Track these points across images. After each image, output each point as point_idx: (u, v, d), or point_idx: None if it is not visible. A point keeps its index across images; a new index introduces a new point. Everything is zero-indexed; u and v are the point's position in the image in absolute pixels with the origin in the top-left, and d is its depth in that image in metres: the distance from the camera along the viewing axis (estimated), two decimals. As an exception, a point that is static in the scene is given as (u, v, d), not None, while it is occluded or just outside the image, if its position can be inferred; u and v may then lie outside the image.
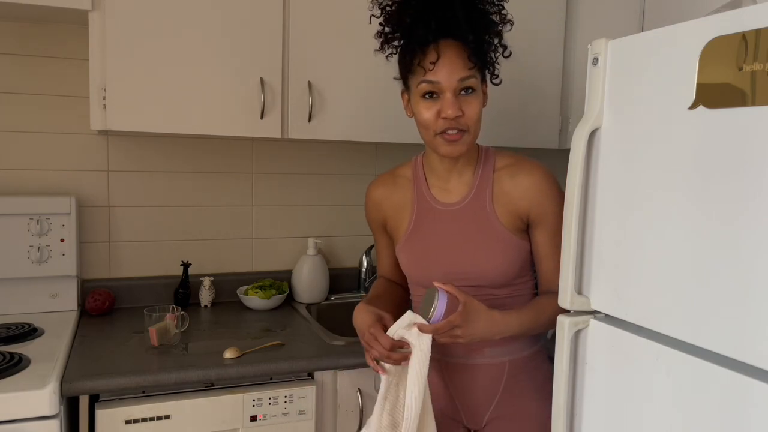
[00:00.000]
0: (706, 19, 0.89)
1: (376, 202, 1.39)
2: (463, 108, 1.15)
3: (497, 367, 1.28)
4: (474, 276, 1.25)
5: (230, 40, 1.64)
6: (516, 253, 1.25)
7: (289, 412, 1.48)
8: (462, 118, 1.16)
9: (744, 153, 0.84)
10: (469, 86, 1.15)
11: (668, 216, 0.95)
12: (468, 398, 1.30)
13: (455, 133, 1.17)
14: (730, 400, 0.86)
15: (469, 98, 1.16)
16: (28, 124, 1.81)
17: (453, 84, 1.14)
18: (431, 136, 1.19)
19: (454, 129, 1.16)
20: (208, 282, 1.95)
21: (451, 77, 1.14)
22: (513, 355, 1.29)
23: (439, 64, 1.14)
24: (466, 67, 1.15)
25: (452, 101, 1.14)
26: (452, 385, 1.31)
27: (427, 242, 1.30)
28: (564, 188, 1.14)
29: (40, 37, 1.80)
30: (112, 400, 1.37)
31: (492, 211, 1.25)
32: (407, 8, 1.17)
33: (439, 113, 1.16)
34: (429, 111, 1.17)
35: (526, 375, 1.30)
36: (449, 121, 1.15)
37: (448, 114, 1.14)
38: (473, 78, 1.16)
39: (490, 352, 1.28)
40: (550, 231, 1.24)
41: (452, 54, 1.14)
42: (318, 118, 1.73)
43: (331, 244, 2.17)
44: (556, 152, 2.16)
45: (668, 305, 0.95)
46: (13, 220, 1.71)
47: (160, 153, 1.95)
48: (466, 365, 1.29)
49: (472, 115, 1.16)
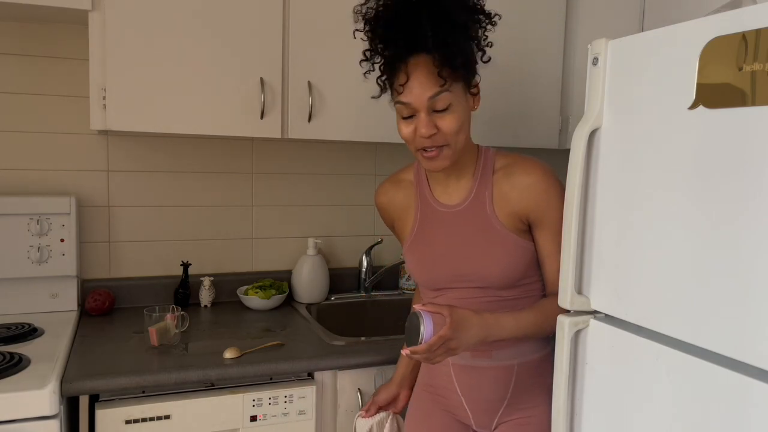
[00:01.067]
0: (706, 19, 0.89)
1: (383, 208, 1.42)
2: (438, 124, 1.15)
3: (505, 369, 1.27)
4: (477, 278, 1.25)
5: (230, 40, 1.64)
6: (519, 254, 1.24)
7: (289, 412, 1.48)
8: (438, 135, 1.16)
9: (744, 153, 0.84)
10: (442, 107, 1.14)
11: (668, 216, 0.95)
12: (477, 401, 1.29)
13: (433, 151, 1.18)
14: (730, 400, 0.86)
15: (443, 115, 1.15)
16: (28, 124, 1.81)
17: (424, 103, 1.14)
18: (413, 151, 1.21)
19: (431, 147, 1.17)
20: (208, 282, 1.95)
21: (421, 97, 1.14)
22: (521, 358, 1.28)
23: (408, 85, 1.14)
24: (437, 84, 1.13)
25: (425, 121, 1.14)
26: (461, 387, 1.30)
27: (431, 245, 1.30)
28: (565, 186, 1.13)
29: (40, 37, 1.80)
30: (112, 400, 1.37)
31: (492, 213, 1.24)
32: (377, 24, 1.17)
33: (416, 131, 1.17)
34: (407, 128, 1.18)
35: (535, 379, 1.29)
36: (425, 139, 1.16)
37: (422, 133, 1.15)
38: (446, 93, 1.13)
39: (497, 355, 1.27)
40: (551, 231, 1.23)
41: (420, 73, 1.13)
42: (318, 118, 1.73)
43: (331, 244, 2.17)
44: (556, 152, 2.16)
45: (668, 305, 0.95)
46: (13, 220, 1.71)
47: (160, 153, 1.95)
48: (474, 368, 1.28)
49: (448, 131, 1.16)
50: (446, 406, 1.33)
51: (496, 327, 1.15)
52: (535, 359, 1.29)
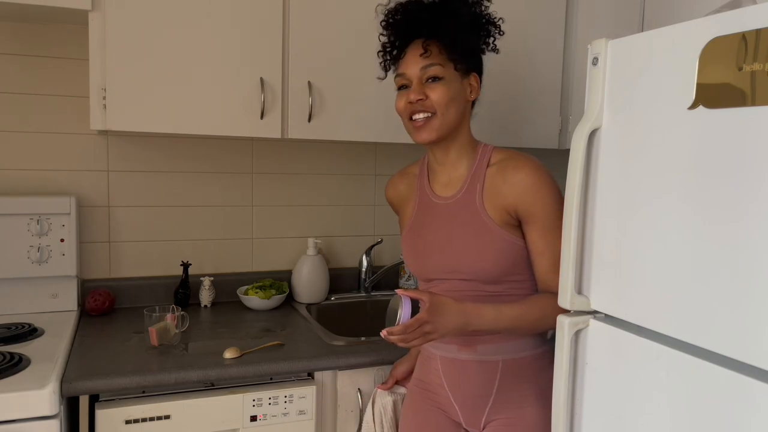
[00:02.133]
0: (706, 19, 0.89)
1: (390, 200, 1.50)
2: (428, 92, 1.24)
3: (490, 365, 1.28)
4: (465, 270, 1.26)
5: (230, 39, 1.64)
6: (507, 250, 1.24)
7: (289, 412, 1.48)
8: (426, 101, 1.24)
9: (744, 153, 0.84)
10: (434, 74, 1.24)
11: (668, 216, 0.95)
12: (463, 396, 1.30)
13: (421, 119, 1.25)
14: (730, 400, 0.86)
15: (434, 85, 1.25)
16: (28, 124, 1.81)
17: (416, 73, 1.25)
18: (405, 123, 1.29)
19: (419, 113, 1.25)
20: (208, 282, 1.95)
21: (413, 67, 1.25)
22: (507, 354, 1.28)
23: (405, 58, 1.28)
24: (429, 58, 1.24)
25: (416, 87, 1.25)
26: (448, 381, 1.31)
27: (423, 235, 1.33)
28: (560, 184, 1.14)
29: (40, 37, 1.80)
30: (112, 400, 1.37)
31: (482, 206, 1.26)
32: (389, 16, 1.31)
33: (407, 100, 1.26)
34: (401, 100, 1.28)
35: (524, 378, 1.29)
36: (413, 105, 1.25)
37: (410, 98, 1.25)
38: (436, 66, 1.24)
39: (482, 349, 1.28)
40: (540, 227, 1.23)
41: (416, 49, 1.26)
42: (318, 118, 1.73)
43: (331, 244, 2.17)
44: (556, 152, 2.16)
45: (668, 305, 0.95)
46: (13, 220, 1.71)
47: (160, 153, 1.95)
48: (459, 361, 1.29)
49: (436, 99, 1.24)
50: (437, 403, 1.35)
51: (476, 316, 1.17)
52: (524, 358, 1.29)
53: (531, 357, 1.30)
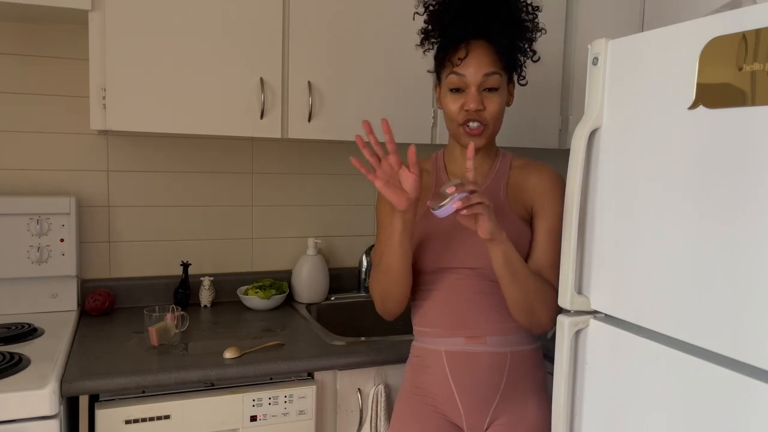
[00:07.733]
0: (706, 19, 0.89)
1: None
2: (485, 103, 1.25)
3: (499, 356, 1.28)
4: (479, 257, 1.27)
5: (230, 40, 1.64)
6: (523, 242, 1.29)
7: (289, 412, 1.48)
8: (483, 113, 1.25)
9: (744, 153, 0.84)
10: (492, 85, 1.25)
11: (668, 216, 0.95)
12: (470, 394, 1.29)
13: (477, 127, 1.26)
14: (730, 400, 0.86)
15: (491, 95, 1.26)
16: (28, 124, 1.81)
17: (478, 79, 1.24)
18: (455, 126, 1.29)
19: (475, 122, 1.26)
20: (208, 282, 1.95)
21: (476, 73, 1.24)
22: (514, 346, 1.29)
23: (466, 60, 1.25)
24: (492, 65, 1.24)
25: (475, 95, 1.24)
26: (454, 378, 1.29)
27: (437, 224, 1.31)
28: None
29: (40, 37, 1.80)
30: (112, 400, 1.37)
31: (505, 199, 1.32)
32: (447, 9, 1.28)
33: (463, 106, 1.26)
34: (455, 104, 1.27)
35: (527, 372, 1.30)
36: (471, 113, 1.25)
37: (470, 107, 1.24)
38: (497, 75, 1.25)
39: (491, 341, 1.28)
40: (547, 222, 1.29)
41: (480, 53, 1.25)
42: (318, 118, 1.73)
43: (331, 244, 2.17)
44: (556, 152, 2.16)
45: (668, 305, 0.95)
46: (13, 220, 1.71)
47: (160, 153, 1.95)
48: (468, 354, 1.28)
49: (492, 111, 1.26)
50: (436, 407, 1.32)
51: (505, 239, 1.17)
52: (527, 351, 1.31)
53: (531, 351, 1.32)
